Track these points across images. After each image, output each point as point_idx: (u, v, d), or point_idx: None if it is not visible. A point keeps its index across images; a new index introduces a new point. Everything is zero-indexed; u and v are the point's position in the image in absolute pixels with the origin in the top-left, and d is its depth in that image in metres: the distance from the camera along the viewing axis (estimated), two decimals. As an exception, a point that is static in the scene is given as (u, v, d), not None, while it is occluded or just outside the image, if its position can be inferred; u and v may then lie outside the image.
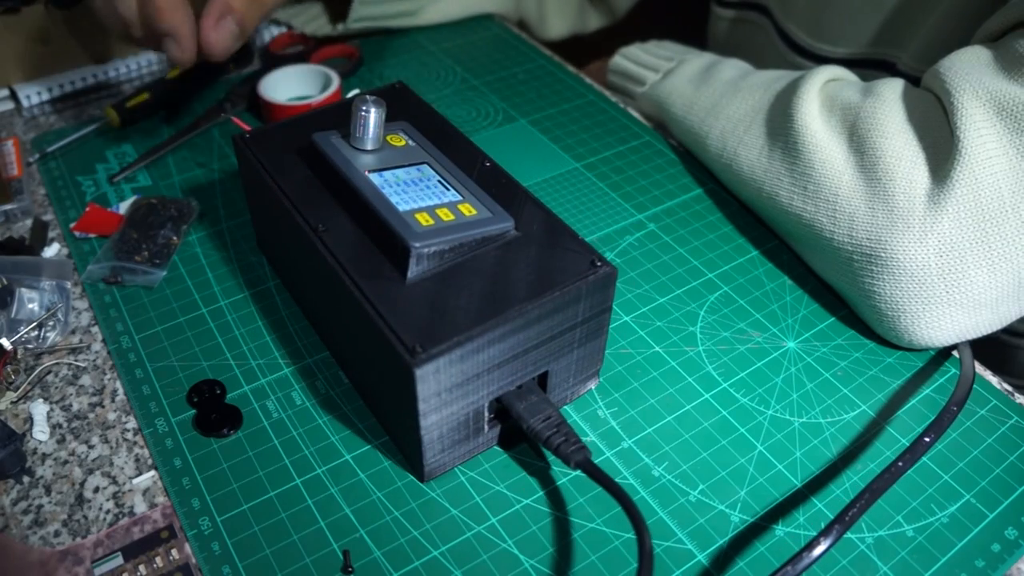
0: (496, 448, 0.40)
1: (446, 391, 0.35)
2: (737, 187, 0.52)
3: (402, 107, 0.47)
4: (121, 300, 0.48)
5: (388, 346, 0.34)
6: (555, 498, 0.39)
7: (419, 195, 0.40)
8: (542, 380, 0.39)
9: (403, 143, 0.43)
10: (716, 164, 0.54)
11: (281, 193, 0.41)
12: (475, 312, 0.35)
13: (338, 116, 0.46)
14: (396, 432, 0.40)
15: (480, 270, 0.37)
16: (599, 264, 0.37)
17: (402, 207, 0.38)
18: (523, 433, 0.40)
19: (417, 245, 0.36)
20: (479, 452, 0.40)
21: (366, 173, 0.40)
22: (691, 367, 0.45)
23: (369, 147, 0.42)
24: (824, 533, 0.34)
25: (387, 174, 0.41)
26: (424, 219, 0.38)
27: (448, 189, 0.40)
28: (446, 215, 0.38)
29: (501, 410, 0.39)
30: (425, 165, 0.42)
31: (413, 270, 0.36)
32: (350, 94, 0.61)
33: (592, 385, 0.43)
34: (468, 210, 0.39)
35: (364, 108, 0.41)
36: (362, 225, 0.39)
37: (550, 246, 0.38)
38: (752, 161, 0.50)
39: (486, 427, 0.39)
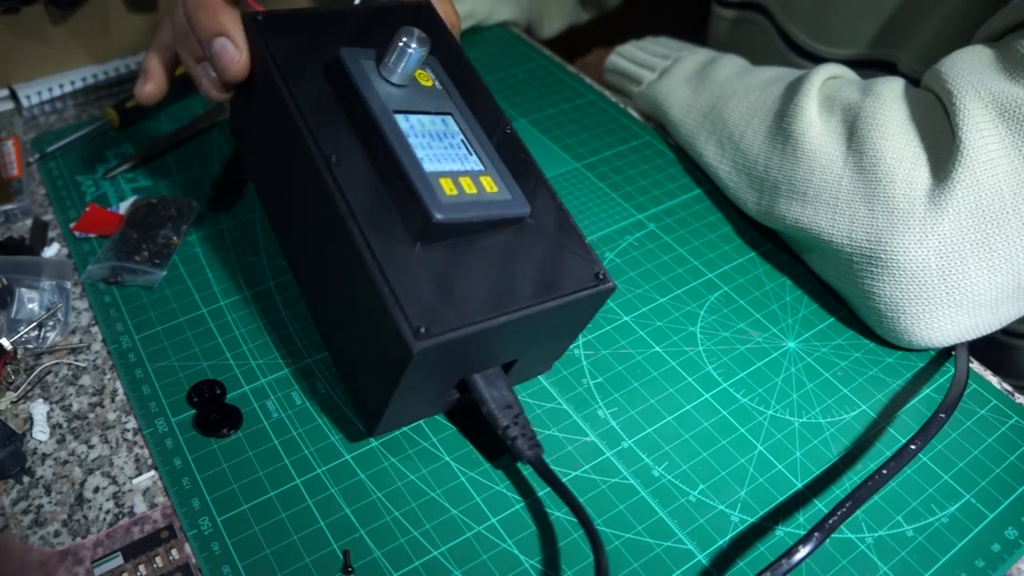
0: (496, 448, 0.40)
1: (430, 371, 0.35)
2: (735, 191, 0.52)
3: (426, 32, 0.41)
4: (121, 300, 0.48)
5: (388, 317, 0.33)
6: (555, 498, 0.39)
7: (443, 154, 0.37)
8: (506, 365, 0.39)
9: (430, 84, 0.40)
10: (713, 168, 0.54)
11: (293, 104, 0.37)
12: (481, 302, 0.34)
13: (370, 25, 0.41)
14: (357, 381, 0.38)
15: (490, 254, 0.36)
16: (602, 278, 0.37)
17: (427, 166, 0.36)
18: (480, 414, 0.39)
19: (439, 216, 0.34)
20: (431, 416, 0.41)
21: (392, 112, 0.37)
22: (691, 367, 0.45)
23: (397, 81, 0.38)
24: (803, 540, 0.34)
25: (412, 119, 0.38)
26: (448, 187, 0.35)
27: (471, 154, 0.38)
28: (469, 187, 0.36)
29: (462, 384, 0.38)
30: (450, 117, 0.39)
31: (428, 239, 0.35)
32: None
33: (545, 371, 0.43)
34: (490, 186, 0.37)
35: (409, 43, 0.37)
36: (379, 171, 0.36)
37: (558, 246, 0.38)
38: (750, 164, 0.50)
39: (446, 398, 0.39)
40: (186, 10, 0.41)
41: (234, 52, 0.39)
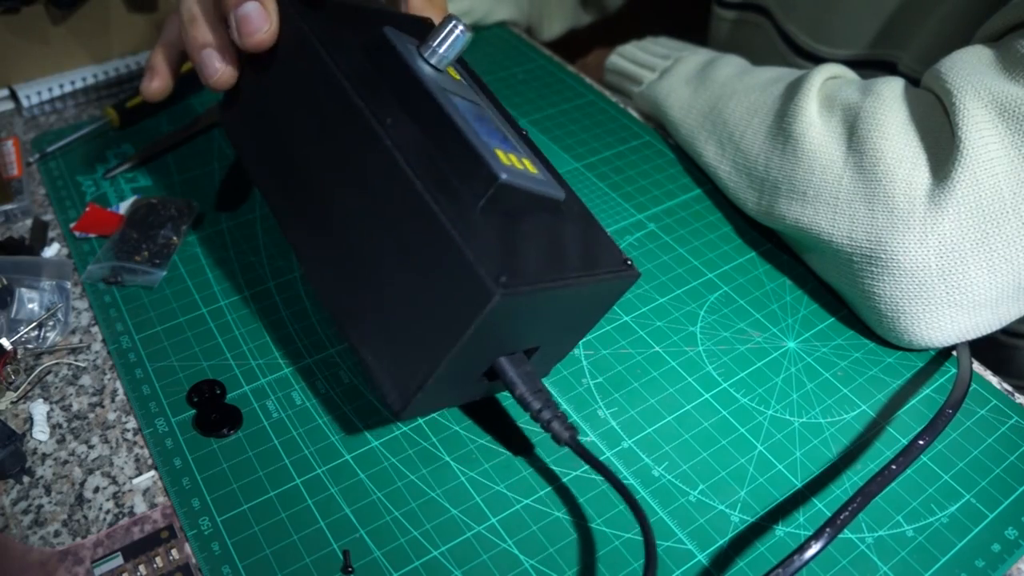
0: (496, 448, 0.41)
1: (488, 335, 0.34)
2: (735, 191, 0.52)
3: None
4: (121, 300, 0.48)
5: (465, 268, 0.32)
6: (555, 498, 0.39)
7: (489, 132, 0.37)
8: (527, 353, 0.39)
9: (459, 78, 0.41)
10: (713, 168, 0.54)
11: (339, 72, 0.37)
12: (544, 264, 0.34)
13: (382, 23, 0.41)
14: (390, 362, 0.36)
15: (537, 227, 0.36)
16: (630, 265, 0.38)
17: (483, 137, 0.36)
18: (494, 406, 0.39)
19: (504, 177, 0.34)
20: (457, 404, 0.41)
21: (442, 87, 0.37)
22: (691, 367, 0.45)
23: (437, 64, 0.39)
24: (815, 536, 0.34)
25: (456, 99, 0.38)
26: (503, 157, 0.36)
27: (506, 140, 0.38)
28: (516, 163, 0.36)
29: (490, 371, 0.38)
30: (481, 107, 0.40)
31: (489, 202, 0.35)
32: None
33: (544, 374, 0.43)
34: (530, 167, 0.37)
35: (459, 25, 0.38)
36: (433, 139, 0.36)
37: (589, 233, 0.38)
38: (750, 164, 0.50)
39: (476, 382, 0.38)
40: None
41: (263, 17, 0.38)
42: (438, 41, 0.38)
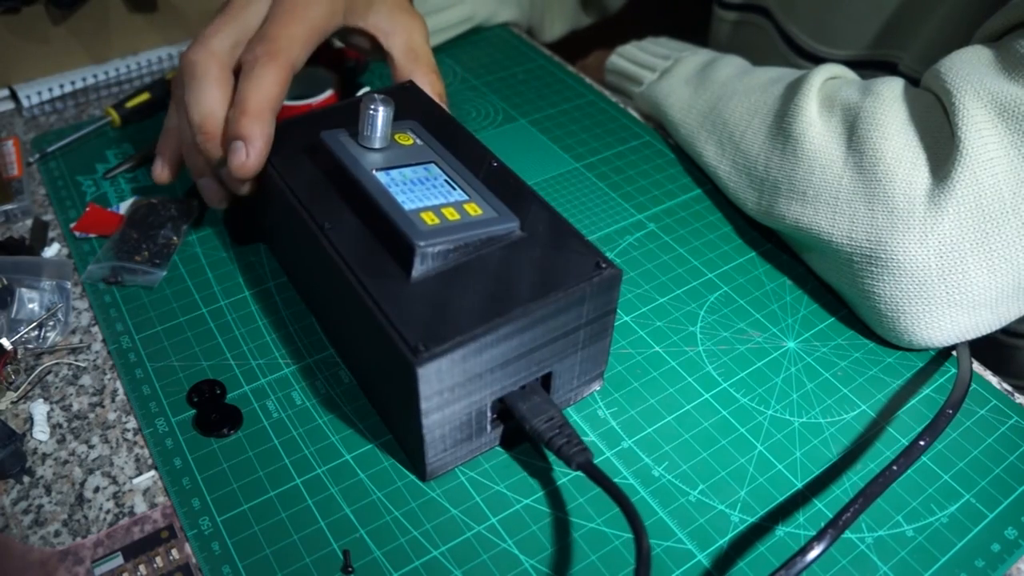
0: (497, 448, 0.41)
1: (448, 390, 0.35)
2: (735, 191, 0.52)
3: (412, 106, 0.47)
4: (121, 300, 0.48)
5: (391, 344, 0.34)
6: (555, 498, 0.39)
7: (425, 194, 0.40)
8: (546, 381, 0.39)
9: (411, 142, 0.43)
10: (713, 168, 0.54)
11: (289, 191, 0.42)
12: (479, 312, 0.35)
13: (345, 115, 0.46)
14: (399, 430, 0.40)
15: (484, 270, 0.37)
16: (604, 266, 0.37)
17: (408, 206, 0.38)
18: (525, 434, 0.40)
19: (422, 244, 0.36)
20: (481, 452, 0.40)
21: (373, 172, 0.40)
22: (691, 367, 0.45)
23: (377, 145, 0.42)
24: (818, 538, 0.34)
25: (394, 173, 0.41)
26: (429, 218, 0.38)
27: (454, 188, 0.40)
28: (451, 214, 0.38)
29: (504, 410, 0.39)
30: (432, 164, 0.42)
31: (417, 269, 0.37)
32: (360, 92, 0.61)
33: (596, 387, 0.43)
34: (474, 210, 0.39)
35: (372, 107, 0.41)
36: (368, 224, 0.39)
37: (555, 247, 0.38)
38: (750, 164, 0.50)
39: (489, 427, 0.39)
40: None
41: (243, 165, 0.42)
42: (365, 128, 0.42)
